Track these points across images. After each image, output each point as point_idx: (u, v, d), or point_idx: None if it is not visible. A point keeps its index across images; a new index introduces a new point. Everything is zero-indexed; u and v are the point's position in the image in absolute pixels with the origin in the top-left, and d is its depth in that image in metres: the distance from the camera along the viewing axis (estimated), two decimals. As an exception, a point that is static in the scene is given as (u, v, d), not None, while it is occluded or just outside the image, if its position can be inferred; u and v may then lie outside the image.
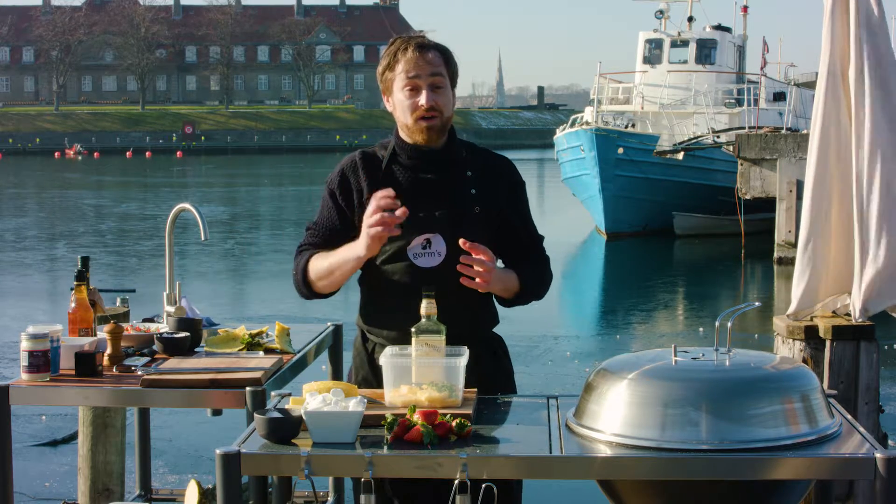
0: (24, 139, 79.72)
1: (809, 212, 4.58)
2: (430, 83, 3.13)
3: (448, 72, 3.18)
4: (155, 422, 5.60)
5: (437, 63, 3.15)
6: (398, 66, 3.15)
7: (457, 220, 3.13)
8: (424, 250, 3.13)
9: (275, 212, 31.38)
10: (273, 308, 13.62)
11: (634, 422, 2.52)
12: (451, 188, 3.18)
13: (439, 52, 3.18)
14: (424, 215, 3.12)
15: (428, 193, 3.15)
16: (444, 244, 3.13)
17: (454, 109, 3.25)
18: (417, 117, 3.13)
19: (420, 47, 3.14)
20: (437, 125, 3.15)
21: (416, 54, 3.12)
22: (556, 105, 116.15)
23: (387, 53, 3.19)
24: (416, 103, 3.13)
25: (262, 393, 3.07)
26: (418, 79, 3.12)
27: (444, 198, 3.16)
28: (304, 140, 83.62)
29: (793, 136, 18.25)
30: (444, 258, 3.13)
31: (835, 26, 4.51)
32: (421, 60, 3.12)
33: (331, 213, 3.22)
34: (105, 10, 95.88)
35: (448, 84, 3.18)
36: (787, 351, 4.72)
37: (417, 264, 3.13)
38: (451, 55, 3.22)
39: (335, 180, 3.23)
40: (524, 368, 9.99)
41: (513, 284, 3.16)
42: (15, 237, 23.40)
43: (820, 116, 4.54)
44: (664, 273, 19.27)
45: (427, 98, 3.12)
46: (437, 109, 3.13)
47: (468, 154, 3.25)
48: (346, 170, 3.23)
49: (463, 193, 3.18)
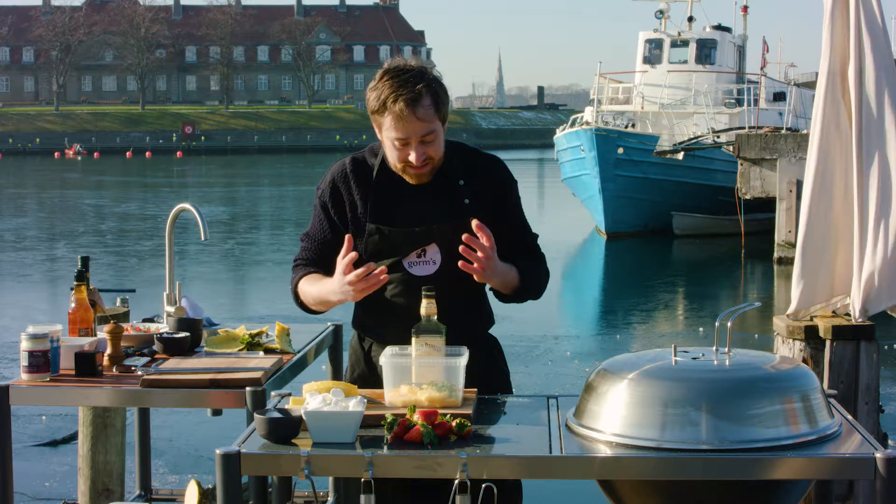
0: (24, 139, 79.70)
1: (809, 212, 4.58)
2: (421, 140, 3.03)
3: (440, 116, 3.06)
4: (155, 422, 5.59)
5: (429, 118, 3.01)
6: (386, 117, 3.00)
7: (452, 231, 3.10)
8: (419, 259, 3.14)
9: (275, 212, 31.38)
10: (273, 308, 13.62)
11: (634, 422, 2.52)
12: (445, 200, 3.14)
13: (431, 97, 3.01)
14: (420, 229, 3.11)
15: (421, 206, 3.12)
16: (439, 253, 3.13)
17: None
18: (406, 167, 3.08)
19: (410, 103, 2.96)
20: (427, 171, 3.09)
21: (407, 111, 2.96)
22: (556, 105, 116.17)
23: (376, 94, 3.02)
24: (405, 156, 3.05)
25: (262, 393, 3.07)
26: (408, 139, 3.02)
27: (439, 210, 3.13)
28: (304, 140, 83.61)
29: (793, 136, 18.25)
30: (438, 266, 3.13)
31: (835, 26, 4.51)
32: (411, 119, 2.97)
33: (323, 226, 3.21)
34: (105, 10, 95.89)
35: (440, 128, 3.07)
36: (787, 351, 4.72)
37: (412, 272, 3.13)
38: (443, 92, 3.06)
39: (326, 192, 3.20)
40: (524, 368, 9.99)
41: (513, 279, 3.14)
42: (15, 237, 23.40)
43: (820, 116, 4.54)
44: (664, 273, 19.27)
45: (418, 157, 3.03)
46: (429, 158, 3.07)
47: (458, 160, 3.19)
48: (337, 180, 3.19)
49: (457, 204, 3.14)
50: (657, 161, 23.62)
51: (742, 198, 19.01)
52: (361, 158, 3.22)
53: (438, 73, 3.11)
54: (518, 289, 3.17)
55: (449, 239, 3.10)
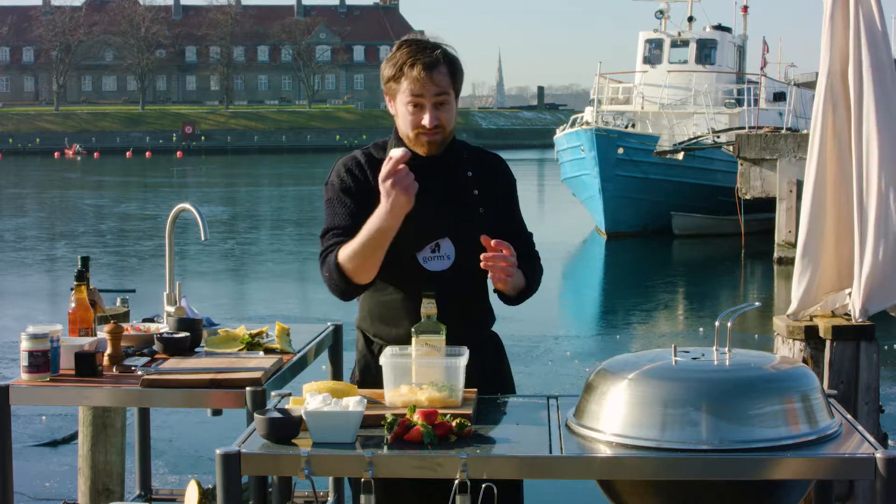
0: (24, 139, 79.72)
1: (809, 212, 4.58)
2: (435, 102, 3.07)
3: (454, 87, 3.12)
4: (155, 422, 5.59)
5: (444, 83, 3.07)
6: (403, 81, 3.06)
7: (464, 222, 3.13)
8: (433, 254, 3.13)
9: (275, 212, 31.38)
10: (273, 308, 13.62)
11: (634, 422, 2.52)
12: (455, 191, 3.17)
13: (447, 65, 3.08)
14: (432, 220, 3.11)
15: (433, 198, 3.11)
16: (453, 247, 3.13)
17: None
18: (419, 132, 3.10)
19: (427, 66, 3.04)
20: (438, 140, 3.11)
21: (424, 74, 3.03)
22: (556, 105, 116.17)
23: (393, 62, 3.08)
24: (418, 120, 3.08)
25: (262, 393, 3.07)
26: (423, 98, 3.06)
27: (450, 201, 3.15)
28: (304, 140, 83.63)
29: (793, 136, 18.25)
30: (452, 261, 3.13)
31: (835, 27, 4.51)
32: (427, 81, 3.04)
33: (347, 209, 3.13)
34: (105, 10, 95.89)
35: (453, 99, 3.12)
36: (787, 351, 4.72)
37: (427, 268, 3.12)
38: (458, 65, 3.13)
39: (346, 178, 3.15)
40: (524, 368, 9.99)
41: (521, 282, 3.15)
42: (15, 237, 23.41)
43: (820, 117, 4.54)
44: (664, 273, 19.27)
45: (431, 118, 3.07)
46: (441, 126, 3.09)
47: (466, 154, 3.24)
48: (353, 168, 3.17)
49: (467, 195, 3.17)
50: (657, 161, 23.62)
51: (742, 198, 19.02)
52: (369, 153, 3.22)
53: (454, 50, 3.14)
54: (523, 290, 3.18)
55: (460, 231, 3.11)
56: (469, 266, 3.06)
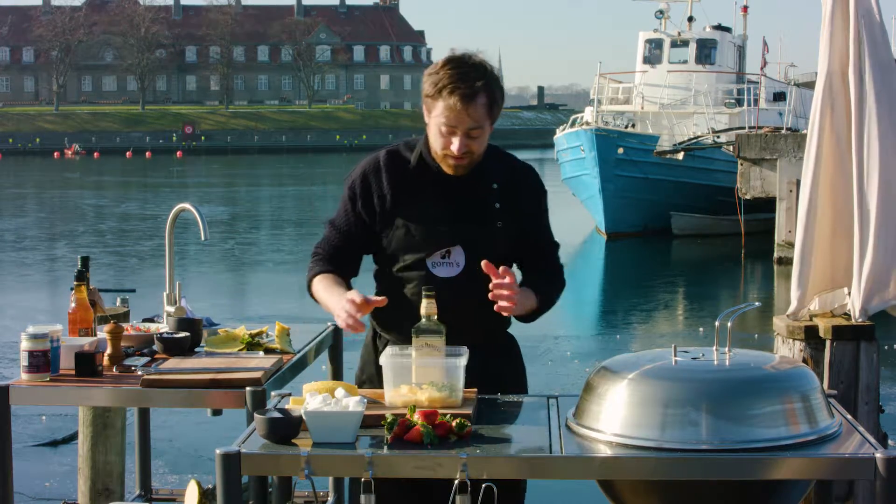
0: (24, 139, 79.69)
1: (808, 212, 4.57)
2: (468, 132, 3.03)
3: (490, 117, 3.05)
4: (155, 422, 5.59)
5: (480, 116, 3.00)
6: (440, 103, 3.00)
7: (479, 234, 3.11)
8: (443, 260, 3.13)
9: (275, 212, 31.38)
10: (273, 308, 13.62)
11: (634, 422, 2.52)
12: (476, 203, 3.14)
13: (486, 96, 3.01)
14: (447, 229, 3.10)
15: (452, 206, 3.11)
16: (464, 255, 3.12)
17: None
18: (447, 155, 3.07)
19: (466, 98, 2.97)
20: (465, 164, 3.08)
21: (460, 106, 2.97)
22: (556, 105, 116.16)
23: (433, 80, 3.02)
24: (448, 144, 3.04)
25: (262, 393, 3.07)
26: (455, 127, 3.02)
27: (468, 212, 3.12)
28: (304, 140, 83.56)
29: (793, 136, 18.24)
30: (462, 268, 3.12)
31: (834, 27, 4.51)
32: (463, 114, 2.98)
33: (349, 217, 3.19)
34: (105, 10, 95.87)
35: (487, 128, 3.06)
36: (787, 351, 4.72)
37: (435, 273, 3.12)
38: (499, 95, 3.05)
39: (357, 183, 3.17)
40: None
41: (532, 304, 3.13)
42: (15, 237, 23.40)
43: (818, 116, 4.54)
44: (664, 273, 19.27)
45: (460, 147, 3.02)
46: (469, 152, 3.06)
47: (494, 163, 3.18)
48: (368, 171, 3.17)
49: (487, 208, 3.14)
50: (657, 161, 23.62)
51: (742, 198, 19.01)
52: (396, 151, 3.21)
53: (499, 72, 3.11)
54: (536, 311, 3.17)
55: (474, 242, 3.10)
56: (478, 275, 3.02)
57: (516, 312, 3.04)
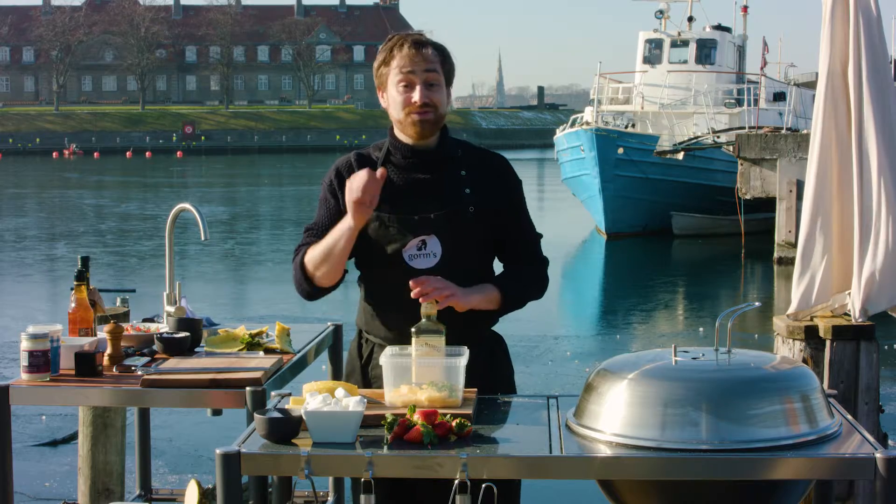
0: (24, 139, 79.69)
1: (810, 212, 4.58)
2: (425, 79, 3.11)
3: (444, 69, 3.16)
4: (155, 422, 5.60)
5: (433, 60, 3.13)
6: (393, 62, 3.13)
7: (452, 220, 3.12)
8: (420, 251, 3.13)
9: (275, 212, 31.38)
10: (273, 308, 13.62)
11: (634, 422, 2.52)
12: (445, 188, 3.16)
13: (436, 49, 3.16)
14: (419, 217, 3.11)
15: (422, 194, 3.14)
16: (440, 245, 3.13)
17: (449, 109, 3.23)
18: (410, 111, 3.11)
19: (416, 44, 3.12)
20: (430, 119, 3.12)
21: (412, 51, 3.10)
22: (556, 105, 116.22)
23: (383, 49, 3.17)
24: (409, 98, 3.11)
25: (262, 393, 3.07)
26: (413, 74, 3.10)
27: (439, 198, 3.14)
28: (304, 140, 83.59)
29: (793, 136, 18.25)
30: (439, 259, 3.12)
31: (834, 27, 4.51)
32: (417, 56, 3.11)
33: (330, 213, 3.20)
34: (105, 10, 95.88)
35: (443, 82, 3.16)
36: (787, 351, 4.72)
37: (413, 266, 3.12)
38: (448, 54, 3.20)
39: (333, 181, 3.22)
40: (524, 368, 9.99)
41: (494, 296, 3.14)
42: (15, 237, 23.40)
43: (820, 117, 4.55)
44: (664, 273, 19.27)
45: (421, 95, 3.10)
46: (431, 105, 3.12)
47: (462, 152, 3.24)
48: (342, 169, 3.22)
49: (457, 193, 3.16)
50: (657, 161, 23.62)
51: (742, 198, 19.01)
52: (366, 153, 3.27)
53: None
54: (504, 303, 3.17)
55: (448, 229, 3.11)
56: (456, 265, 3.07)
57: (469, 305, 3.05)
